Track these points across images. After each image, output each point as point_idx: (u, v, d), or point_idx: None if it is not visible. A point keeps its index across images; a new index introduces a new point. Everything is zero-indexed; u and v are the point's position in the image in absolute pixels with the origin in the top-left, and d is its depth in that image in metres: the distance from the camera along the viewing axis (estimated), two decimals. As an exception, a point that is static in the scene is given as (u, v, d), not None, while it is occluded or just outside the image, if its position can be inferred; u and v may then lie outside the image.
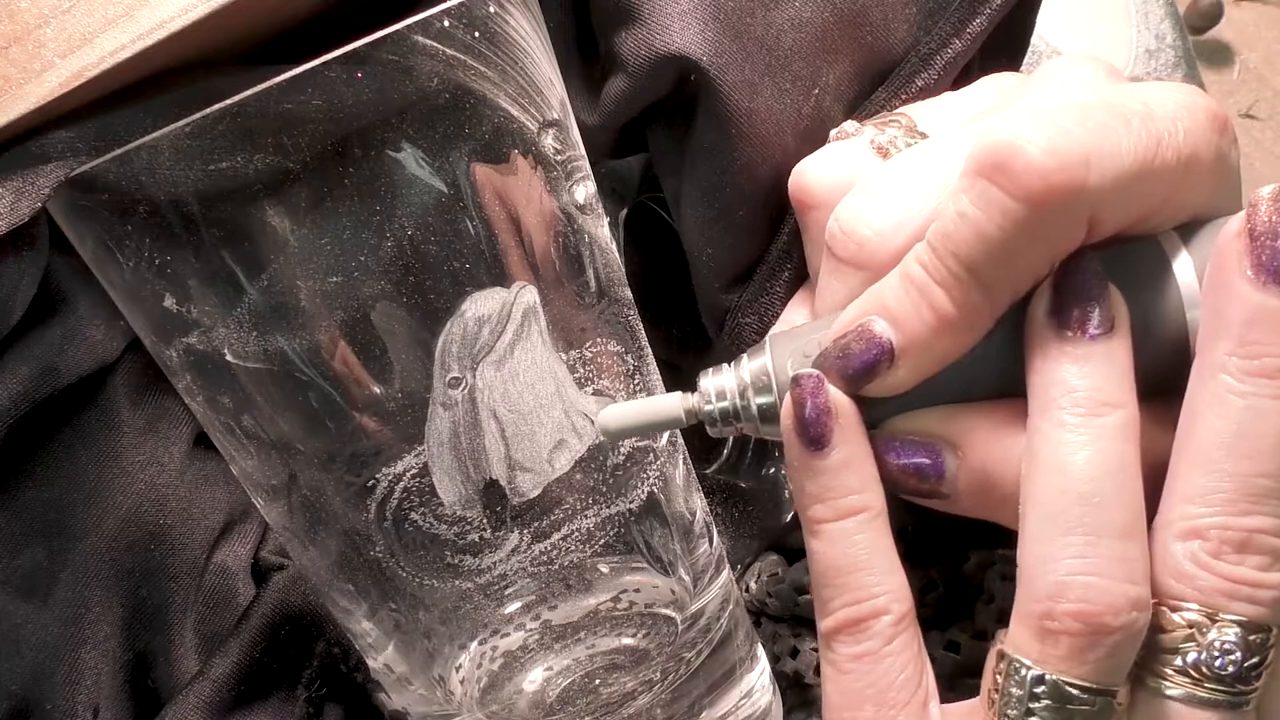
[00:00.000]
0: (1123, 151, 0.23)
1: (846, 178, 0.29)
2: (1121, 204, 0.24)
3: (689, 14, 0.31)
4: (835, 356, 0.26)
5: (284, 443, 0.27)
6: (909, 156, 0.28)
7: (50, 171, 0.28)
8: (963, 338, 0.25)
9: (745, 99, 0.32)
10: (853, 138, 0.31)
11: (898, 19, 0.33)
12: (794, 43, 0.32)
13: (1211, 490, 0.23)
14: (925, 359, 0.25)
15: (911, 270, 0.25)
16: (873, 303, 0.26)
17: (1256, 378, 0.23)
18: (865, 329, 0.25)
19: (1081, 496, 0.23)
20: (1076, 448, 0.23)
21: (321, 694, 0.34)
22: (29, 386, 0.30)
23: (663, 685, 0.30)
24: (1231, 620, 0.23)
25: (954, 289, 0.24)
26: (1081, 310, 0.24)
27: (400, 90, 0.25)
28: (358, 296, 0.26)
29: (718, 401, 0.27)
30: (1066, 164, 0.22)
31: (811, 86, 0.32)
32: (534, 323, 0.27)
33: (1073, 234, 0.24)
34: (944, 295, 0.24)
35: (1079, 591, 0.23)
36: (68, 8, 0.28)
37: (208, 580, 0.34)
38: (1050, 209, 0.23)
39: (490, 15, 0.26)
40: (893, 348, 0.25)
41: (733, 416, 0.27)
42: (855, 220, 0.27)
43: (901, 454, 0.26)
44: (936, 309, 0.24)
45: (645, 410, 0.27)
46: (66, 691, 0.32)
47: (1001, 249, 0.23)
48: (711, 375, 0.28)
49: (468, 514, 0.28)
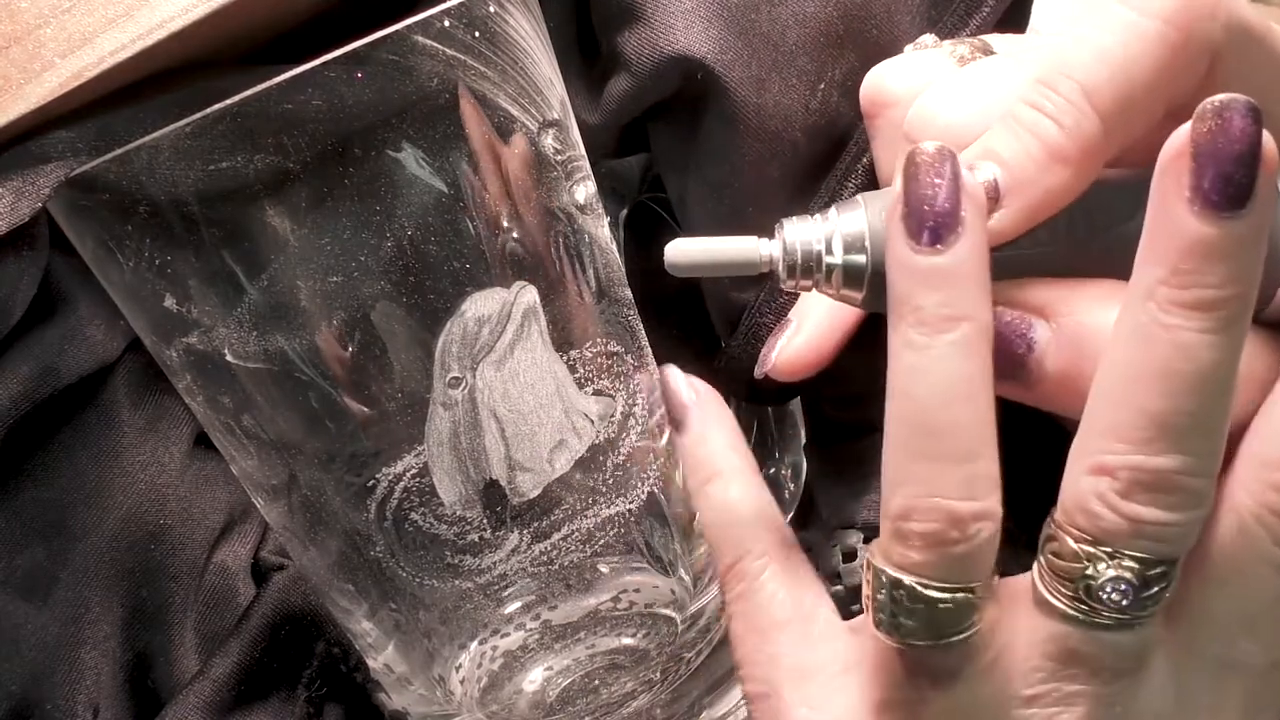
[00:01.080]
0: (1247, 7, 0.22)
1: (923, 82, 0.28)
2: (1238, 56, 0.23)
3: (693, 12, 0.31)
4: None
5: (284, 443, 0.27)
6: (988, 63, 0.27)
7: (50, 171, 0.28)
8: (1074, 177, 0.23)
9: (753, 95, 0.32)
10: (930, 49, 0.30)
11: (902, 11, 0.33)
12: (799, 38, 0.32)
13: (1128, 425, 0.22)
14: (1032, 198, 0.23)
15: (1019, 110, 0.24)
16: (974, 152, 0.24)
17: (1186, 309, 0.21)
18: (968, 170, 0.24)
19: (923, 425, 0.23)
20: (920, 372, 0.23)
21: (321, 694, 0.34)
22: (29, 386, 0.30)
23: (663, 685, 0.30)
24: (1132, 556, 0.23)
25: (1067, 116, 0.23)
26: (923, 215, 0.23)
27: (400, 90, 0.25)
28: (358, 296, 0.26)
29: (802, 250, 0.25)
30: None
31: (817, 81, 0.32)
32: (534, 323, 0.27)
33: (1195, 72, 0.23)
34: (1054, 126, 0.23)
35: (923, 514, 0.23)
36: (68, 8, 0.28)
37: (208, 580, 0.34)
38: (1182, 33, 0.22)
39: (490, 15, 0.26)
40: (997, 184, 0.24)
41: (815, 268, 0.25)
42: (940, 105, 0.26)
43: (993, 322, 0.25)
44: (1046, 139, 0.23)
45: (719, 247, 0.25)
46: (66, 691, 0.32)
47: (1125, 72, 0.22)
48: (796, 222, 0.26)
49: (468, 514, 0.28)
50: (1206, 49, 0.22)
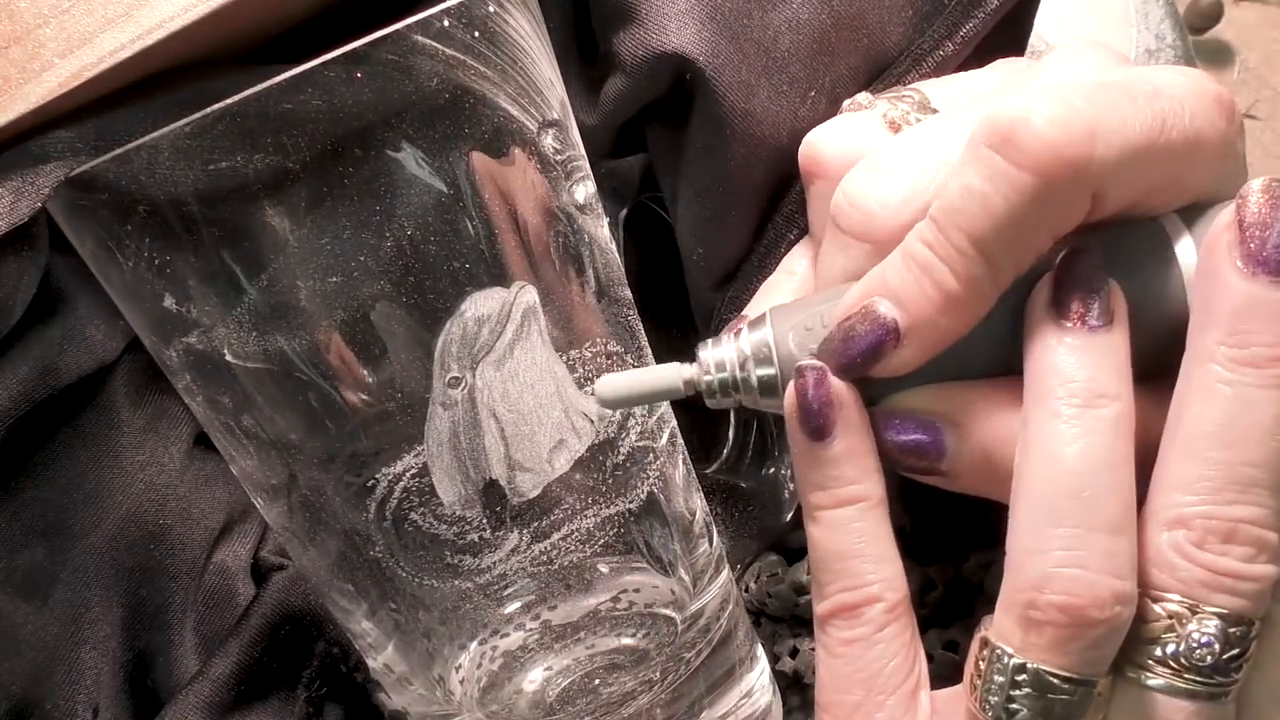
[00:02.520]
0: (1129, 127, 0.23)
1: (856, 149, 0.29)
2: (1127, 180, 0.24)
3: (686, 14, 0.31)
4: (840, 340, 0.26)
5: (284, 443, 0.27)
6: (918, 131, 0.28)
7: (50, 171, 0.28)
8: (968, 314, 0.25)
9: (741, 100, 0.32)
10: (865, 110, 0.31)
11: (895, 22, 0.33)
12: (791, 45, 0.32)
13: (1198, 479, 0.23)
14: (931, 337, 0.25)
15: (915, 249, 0.25)
16: (876, 283, 0.25)
17: (1245, 367, 0.23)
18: (869, 310, 0.25)
19: (1072, 489, 0.23)
20: (1070, 439, 0.23)
21: (321, 694, 0.34)
22: (29, 386, 0.30)
23: (662, 685, 0.30)
24: (1213, 612, 0.23)
25: (958, 264, 0.24)
26: (1082, 301, 0.24)
27: (400, 90, 0.25)
28: (358, 296, 0.26)
29: (717, 372, 0.27)
30: (1073, 136, 0.22)
31: (808, 89, 0.32)
32: (534, 323, 0.27)
33: (1077, 208, 0.24)
34: (948, 272, 0.24)
35: (1064, 584, 0.23)
36: (67, 7, 0.28)
37: (207, 580, 0.34)
38: (1057, 181, 0.23)
39: (490, 15, 0.26)
40: (898, 328, 0.25)
41: (732, 388, 0.27)
42: (862, 193, 0.27)
43: (902, 431, 0.26)
44: (941, 286, 0.24)
45: (644, 379, 0.27)
46: (66, 691, 0.32)
47: (1007, 222, 0.23)
48: (711, 346, 0.27)
49: (467, 514, 0.28)
50: (1086, 189, 0.23)
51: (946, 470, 0.26)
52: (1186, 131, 0.24)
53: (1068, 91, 0.23)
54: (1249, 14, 1.16)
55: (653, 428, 0.30)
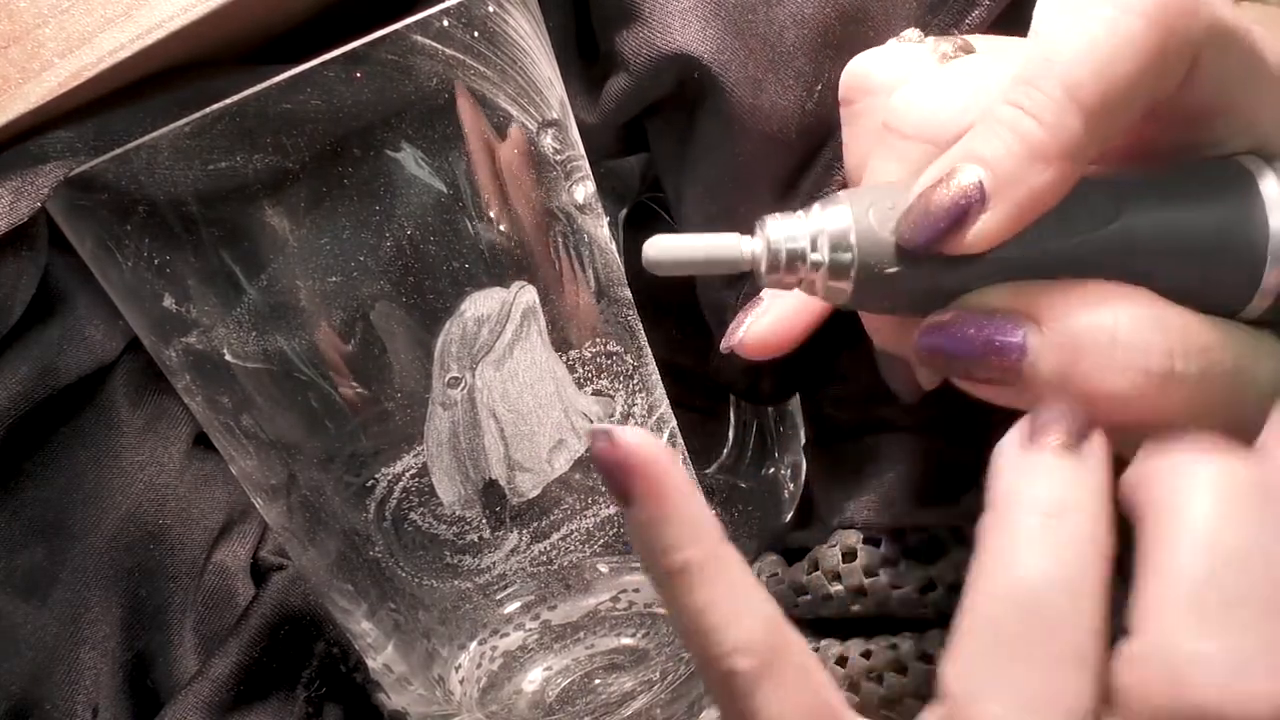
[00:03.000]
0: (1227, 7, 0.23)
1: (904, 74, 0.28)
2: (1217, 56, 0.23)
3: (690, 12, 0.31)
4: (921, 208, 0.24)
5: (283, 443, 0.27)
6: (971, 60, 0.27)
7: (50, 171, 0.28)
8: (1058, 173, 0.23)
9: (749, 96, 0.32)
10: (913, 44, 0.30)
11: (899, 14, 0.33)
12: (796, 39, 0.32)
13: None
14: (1018, 199, 0.23)
15: (1000, 110, 0.23)
16: (958, 151, 0.24)
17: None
18: (953, 175, 0.24)
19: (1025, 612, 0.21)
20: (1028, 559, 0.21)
21: (321, 694, 0.34)
22: (28, 386, 0.30)
23: (662, 685, 0.30)
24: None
25: (1048, 113, 0.23)
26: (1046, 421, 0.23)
27: (399, 90, 0.25)
28: (357, 296, 0.26)
29: (786, 243, 0.25)
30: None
31: (814, 83, 0.32)
32: (533, 322, 0.27)
33: (1177, 70, 0.23)
34: (1034, 122, 0.23)
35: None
36: (66, 7, 0.28)
37: (207, 580, 0.34)
38: (1164, 30, 0.22)
39: (490, 15, 0.25)
40: (983, 189, 0.23)
41: (798, 261, 0.25)
42: (923, 95, 0.26)
43: (979, 331, 0.24)
44: (1029, 139, 0.23)
45: (699, 243, 0.25)
46: (66, 691, 0.32)
47: (1107, 69, 0.22)
48: (779, 219, 0.25)
49: (467, 514, 0.27)
50: (1188, 47, 0.22)
51: (1026, 373, 0.24)
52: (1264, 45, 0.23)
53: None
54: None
55: (652, 428, 0.30)
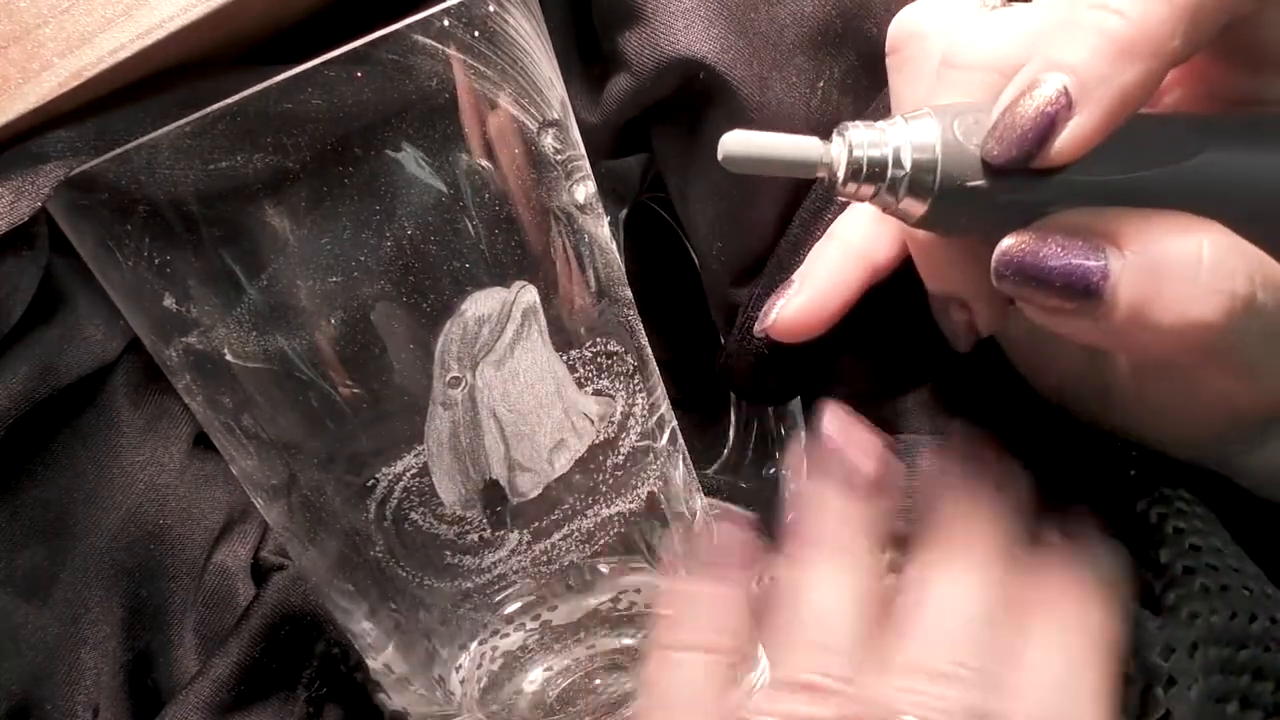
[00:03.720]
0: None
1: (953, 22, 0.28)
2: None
3: (692, 12, 0.31)
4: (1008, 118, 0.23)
5: (284, 443, 0.27)
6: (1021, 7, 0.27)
7: (50, 171, 0.28)
8: (1145, 72, 0.22)
9: (757, 94, 0.31)
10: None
11: (900, 8, 0.33)
12: (796, 36, 0.32)
13: None
14: (1107, 99, 0.23)
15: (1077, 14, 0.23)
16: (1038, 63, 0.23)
17: None
18: (1036, 84, 0.23)
19: None
20: None
21: (321, 694, 0.34)
22: (29, 386, 0.30)
23: (663, 685, 0.30)
24: None
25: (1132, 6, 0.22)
26: None
27: (400, 90, 0.25)
28: (358, 296, 0.25)
29: (868, 154, 0.24)
30: None
31: (817, 80, 0.32)
32: (534, 322, 0.27)
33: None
34: (1119, 18, 0.22)
35: None
36: (66, 7, 0.28)
37: (207, 580, 0.34)
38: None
39: (490, 15, 0.25)
40: (1069, 94, 0.23)
41: (878, 173, 0.24)
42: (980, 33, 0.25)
43: (1061, 252, 0.23)
44: (1113, 34, 0.22)
45: (779, 143, 0.24)
46: (66, 691, 0.32)
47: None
48: (862, 127, 0.24)
49: (467, 514, 0.27)
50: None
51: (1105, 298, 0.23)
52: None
53: None
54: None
55: (653, 428, 0.30)
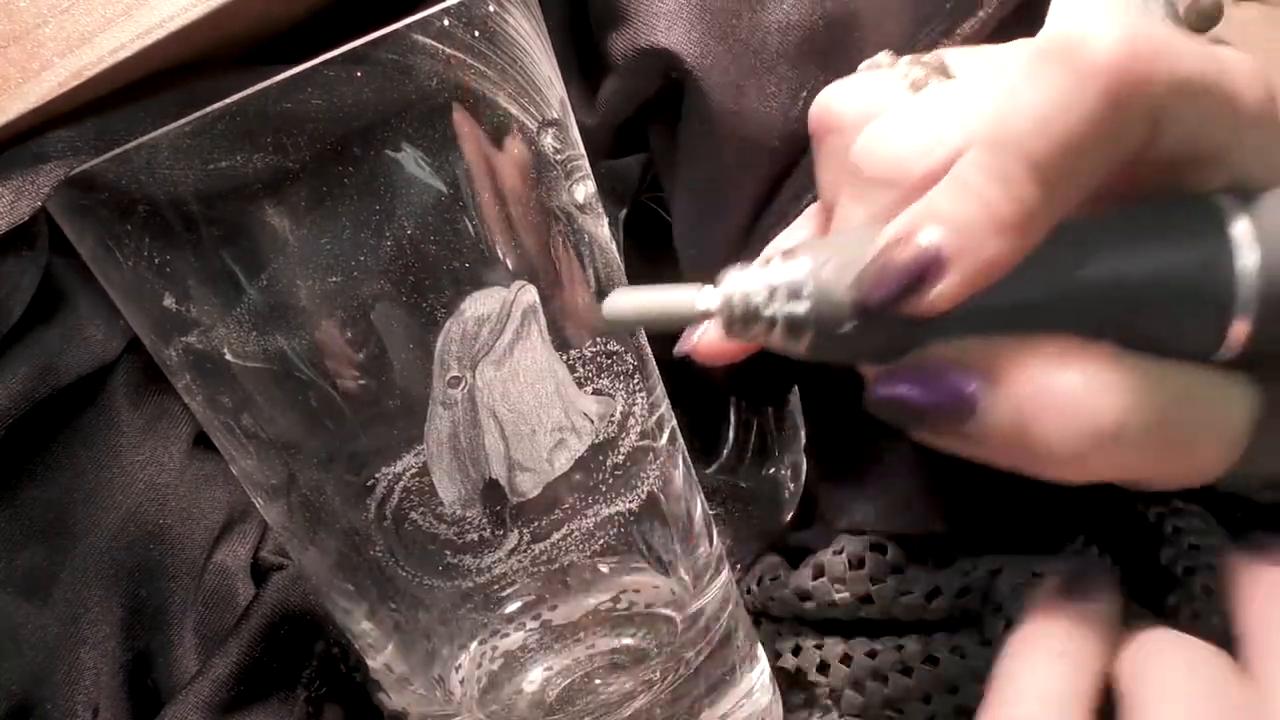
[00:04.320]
0: (1189, 56, 0.22)
1: (875, 106, 0.28)
2: (1184, 112, 0.23)
3: (675, 14, 0.31)
4: (880, 267, 0.24)
5: (284, 442, 0.27)
6: (943, 91, 0.27)
7: (50, 171, 0.28)
8: (1019, 241, 0.23)
9: (730, 101, 0.31)
10: (884, 69, 0.29)
11: (891, 23, 0.33)
12: (780, 45, 0.32)
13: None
14: (977, 266, 0.23)
15: (963, 172, 0.23)
16: (920, 210, 0.24)
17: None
18: (913, 235, 0.23)
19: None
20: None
21: (321, 694, 0.34)
22: (28, 386, 0.30)
23: (662, 685, 0.30)
24: None
25: (1010, 183, 0.23)
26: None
27: (400, 90, 0.25)
28: (357, 296, 0.26)
29: (741, 300, 0.24)
30: (1139, 52, 0.21)
31: (799, 90, 0.32)
32: (534, 322, 0.27)
33: (1138, 133, 0.23)
34: (998, 191, 0.23)
35: None
36: (66, 7, 0.28)
37: (207, 580, 0.34)
38: (1121, 97, 0.22)
39: (490, 14, 0.25)
40: (941, 254, 0.23)
41: (754, 319, 0.25)
42: (889, 138, 0.26)
43: (933, 383, 0.24)
44: (990, 206, 0.23)
45: (657, 299, 0.25)
46: (66, 691, 0.32)
47: (1067, 140, 0.22)
48: (738, 271, 0.25)
49: (467, 514, 0.27)
50: (1148, 109, 0.22)
51: (977, 429, 0.24)
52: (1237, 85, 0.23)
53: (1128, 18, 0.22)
54: (1249, 14, 1.16)
55: (653, 428, 0.30)
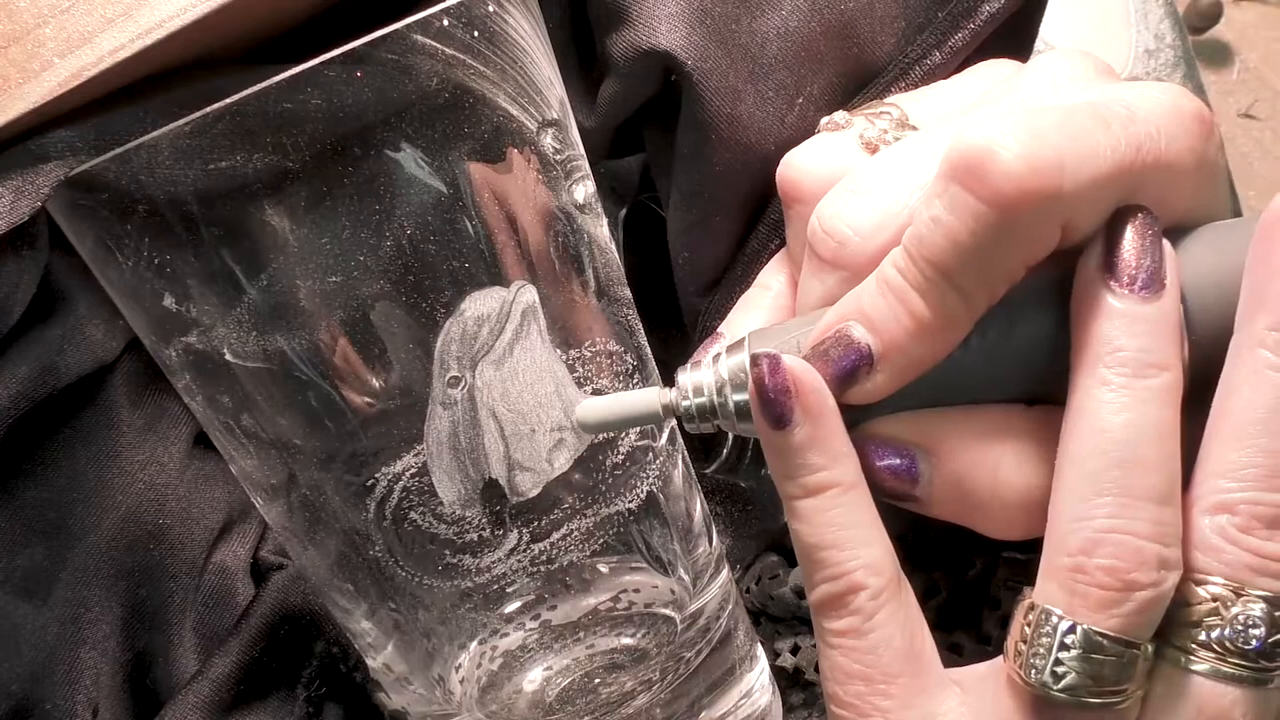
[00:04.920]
0: (1100, 155, 0.23)
1: (832, 171, 0.29)
2: (1098, 209, 0.24)
3: (676, 17, 0.31)
4: (814, 362, 0.26)
5: (283, 442, 0.27)
6: (893, 153, 0.28)
7: (50, 171, 0.28)
8: (940, 342, 0.25)
9: (727, 105, 0.32)
10: (842, 129, 0.31)
11: (886, 32, 0.33)
12: (779, 51, 0.32)
13: (1244, 465, 0.23)
14: (903, 364, 0.25)
15: (888, 275, 0.25)
16: (850, 308, 0.26)
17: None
18: (843, 334, 0.25)
19: (1120, 459, 0.23)
20: (1119, 408, 0.23)
21: (321, 694, 0.34)
22: (28, 386, 0.30)
23: (662, 685, 0.30)
24: (1258, 595, 0.23)
25: (929, 294, 0.24)
26: (1135, 266, 0.24)
27: (400, 90, 0.25)
28: (357, 296, 0.26)
29: (695, 397, 0.27)
30: (1039, 169, 0.23)
31: (795, 96, 0.32)
32: (533, 322, 0.27)
33: (1046, 238, 0.24)
34: (920, 300, 0.24)
35: (1111, 548, 0.23)
36: (67, 7, 0.28)
37: (207, 580, 0.34)
38: (1022, 214, 0.23)
39: (490, 15, 0.26)
40: (871, 353, 0.25)
41: (709, 413, 0.27)
42: (837, 219, 0.27)
43: (878, 456, 0.26)
44: (913, 314, 0.25)
45: (622, 404, 0.27)
46: (66, 691, 0.32)
47: (974, 254, 0.24)
48: (690, 371, 0.28)
49: (467, 514, 0.28)
50: (1054, 220, 0.24)
51: (922, 497, 0.26)
52: (1162, 155, 0.24)
53: (1038, 119, 0.23)
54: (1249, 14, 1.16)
55: (652, 427, 0.30)
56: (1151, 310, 0.24)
